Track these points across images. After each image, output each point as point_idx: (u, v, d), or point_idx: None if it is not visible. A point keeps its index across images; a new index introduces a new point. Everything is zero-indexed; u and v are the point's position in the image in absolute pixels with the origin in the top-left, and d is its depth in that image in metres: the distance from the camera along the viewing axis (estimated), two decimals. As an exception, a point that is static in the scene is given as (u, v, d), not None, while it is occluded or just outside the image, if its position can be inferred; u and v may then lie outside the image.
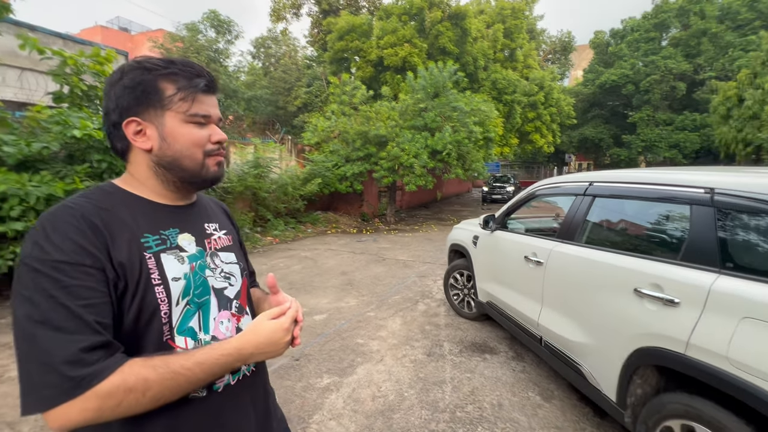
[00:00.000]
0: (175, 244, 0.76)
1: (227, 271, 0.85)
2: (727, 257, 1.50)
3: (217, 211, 0.96)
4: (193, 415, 0.72)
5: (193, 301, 0.75)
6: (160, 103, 0.73)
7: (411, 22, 15.12)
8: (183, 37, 20.06)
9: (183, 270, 0.75)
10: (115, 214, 0.71)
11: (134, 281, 0.68)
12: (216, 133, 0.79)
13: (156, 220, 0.76)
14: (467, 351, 3.32)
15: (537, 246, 2.65)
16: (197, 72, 0.76)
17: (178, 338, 0.72)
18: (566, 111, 19.44)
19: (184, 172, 0.77)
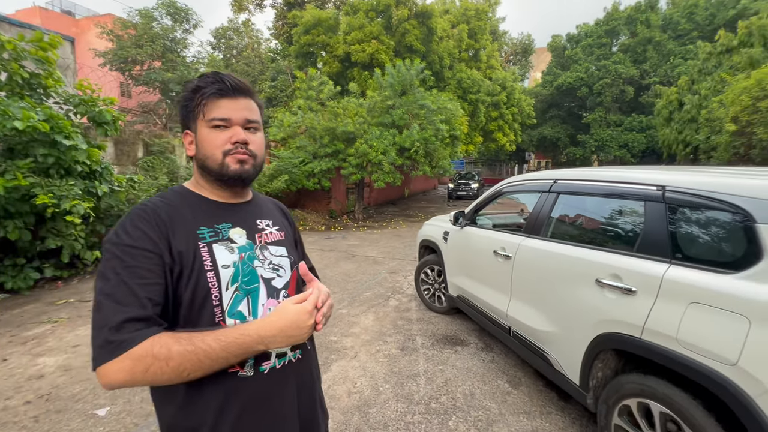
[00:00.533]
0: (227, 237, 0.86)
1: (276, 263, 0.93)
2: (676, 248, 1.65)
3: (273, 210, 1.06)
4: (241, 391, 0.80)
5: (241, 287, 0.84)
6: (194, 114, 0.86)
7: (378, 19, 15.11)
8: (136, 24, 18.84)
9: (232, 259, 0.84)
10: (179, 210, 0.84)
11: (189, 267, 0.79)
12: (236, 134, 0.85)
13: (212, 215, 0.88)
14: (439, 344, 3.40)
15: (505, 241, 2.76)
16: (213, 79, 0.85)
17: (228, 320, 0.81)
18: (527, 111, 20.24)
19: (211, 172, 0.87)
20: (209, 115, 0.84)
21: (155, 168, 7.28)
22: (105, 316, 0.69)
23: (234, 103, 0.86)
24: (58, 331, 3.70)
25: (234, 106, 0.86)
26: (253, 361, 0.82)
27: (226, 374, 0.78)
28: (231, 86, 0.85)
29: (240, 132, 0.86)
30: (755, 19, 9.97)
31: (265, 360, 0.83)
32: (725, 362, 1.35)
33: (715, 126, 8.67)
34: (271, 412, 0.84)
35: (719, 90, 10.11)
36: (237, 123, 0.86)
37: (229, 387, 0.79)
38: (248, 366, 0.81)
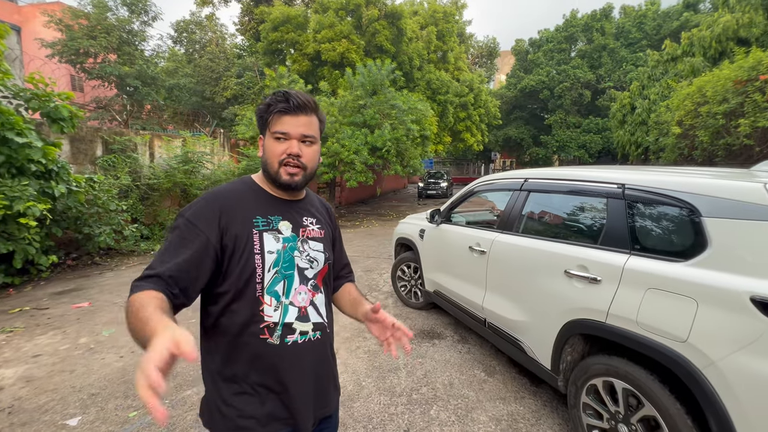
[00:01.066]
0: (276, 227, 1.03)
1: (312, 256, 1.08)
2: (635, 240, 1.83)
3: (320, 210, 1.20)
4: (268, 355, 0.97)
5: (280, 271, 1.00)
6: (265, 124, 1.03)
7: (348, 18, 15.08)
8: (88, 14, 17.68)
9: (277, 247, 1.01)
10: (242, 198, 1.03)
11: (242, 247, 0.96)
12: (291, 147, 1.00)
13: (267, 207, 1.04)
14: (417, 338, 3.51)
15: (480, 237, 2.90)
16: (281, 98, 1.00)
17: (266, 296, 0.98)
18: (493, 112, 20.90)
19: (269, 175, 1.04)
20: (273, 128, 1.00)
21: (117, 167, 6.92)
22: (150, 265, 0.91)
23: (294, 119, 1.00)
24: (15, 341, 3.48)
25: (294, 122, 1.00)
26: (280, 333, 0.99)
27: (258, 340, 0.97)
28: (294, 105, 0.99)
29: (294, 145, 1.00)
30: (696, 30, 10.87)
31: (290, 334, 1.00)
32: (677, 340, 1.52)
33: (663, 129, 9.39)
34: (288, 375, 0.99)
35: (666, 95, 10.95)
36: (294, 137, 1.00)
37: (259, 350, 0.97)
38: (276, 336, 0.98)
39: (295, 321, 1.01)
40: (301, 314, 1.02)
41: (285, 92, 1.01)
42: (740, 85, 5.90)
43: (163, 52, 22.74)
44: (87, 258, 6.38)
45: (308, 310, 1.04)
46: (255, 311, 0.97)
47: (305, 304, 1.04)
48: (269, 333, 0.98)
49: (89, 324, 3.87)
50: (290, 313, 1.01)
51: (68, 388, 2.72)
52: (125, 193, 6.98)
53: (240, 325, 0.97)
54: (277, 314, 0.99)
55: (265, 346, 0.97)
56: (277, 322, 0.99)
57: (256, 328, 0.97)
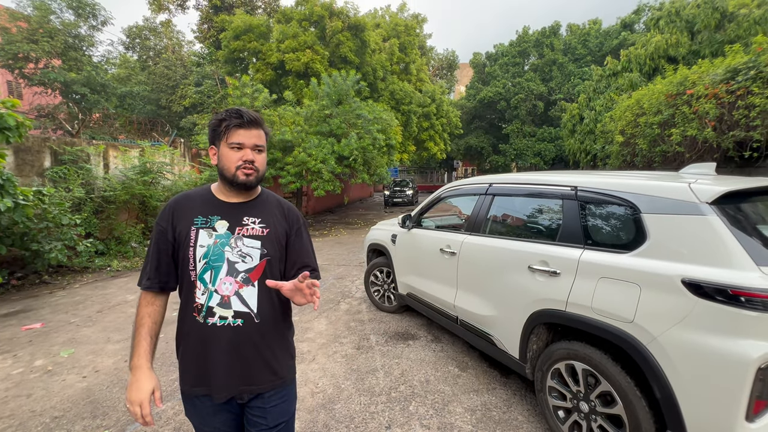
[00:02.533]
0: (212, 226, 1.22)
1: (245, 252, 1.22)
2: (587, 236, 2.05)
3: (272, 210, 1.31)
4: (195, 330, 1.20)
5: (208, 263, 1.20)
6: (219, 136, 1.22)
7: (312, 29, 15.16)
8: (28, 17, 16.50)
9: (208, 242, 1.20)
10: (193, 201, 1.26)
11: (183, 241, 1.21)
12: (245, 154, 1.20)
13: (211, 209, 1.24)
14: (392, 340, 3.61)
15: (450, 239, 3.07)
16: (237, 115, 1.20)
17: (198, 282, 1.20)
18: (454, 122, 21.68)
19: (225, 179, 1.23)
20: (230, 139, 1.20)
21: (68, 179, 6.51)
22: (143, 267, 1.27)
23: (248, 132, 1.21)
24: (-42, 369, 3.19)
25: (247, 134, 1.21)
26: (204, 314, 1.19)
27: (191, 316, 1.20)
28: (247, 120, 1.20)
29: (249, 153, 1.21)
30: (632, 49, 11.99)
31: (211, 316, 1.19)
32: (625, 321, 1.74)
33: (608, 137, 10.22)
34: (206, 351, 1.19)
35: (609, 107, 11.93)
36: (248, 146, 1.21)
37: (191, 324, 1.20)
38: (201, 316, 1.19)
39: (216, 306, 1.18)
40: (223, 301, 1.19)
41: (238, 109, 1.21)
42: (671, 98, 6.60)
43: (114, 59, 21.61)
44: (34, 277, 5.93)
45: (231, 299, 1.19)
46: (191, 293, 1.20)
47: (229, 294, 1.19)
48: (197, 312, 1.19)
49: (44, 345, 3.62)
50: (213, 298, 1.18)
51: (27, 412, 2.56)
52: (78, 206, 6.57)
53: (184, 302, 1.23)
54: (204, 298, 1.18)
55: (194, 322, 1.19)
56: (203, 304, 1.18)
57: (191, 307, 1.20)
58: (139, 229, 7.76)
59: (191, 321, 1.20)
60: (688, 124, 6.08)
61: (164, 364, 3.16)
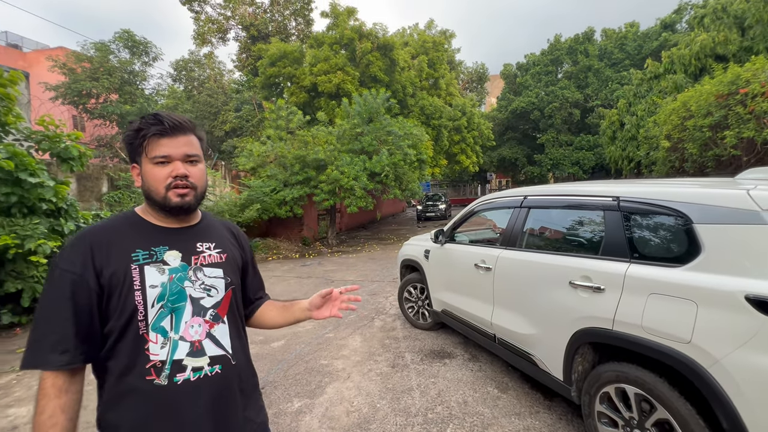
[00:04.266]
0: (161, 259, 0.95)
1: (208, 284, 1.01)
2: (633, 249, 1.92)
3: (221, 233, 1.13)
4: (154, 397, 0.89)
5: (167, 305, 0.93)
6: (138, 151, 0.96)
7: (342, 51, 15.73)
8: (91, 57, 18.38)
9: (161, 279, 0.94)
10: (120, 234, 0.95)
11: (119, 285, 0.90)
12: (175, 168, 0.95)
13: (151, 238, 0.97)
14: (428, 358, 3.52)
15: (485, 254, 3.00)
16: (153, 121, 0.94)
17: (151, 333, 0.91)
18: (486, 134, 21.44)
19: (154, 203, 0.97)
20: (151, 153, 0.94)
21: (122, 203, 7.05)
22: (37, 333, 0.88)
23: (173, 141, 0.95)
24: (26, 380, 3.47)
25: (173, 143, 0.95)
26: (168, 372, 0.91)
27: (144, 381, 0.89)
28: (170, 126, 0.94)
29: (179, 166, 0.95)
30: (675, 50, 11.40)
31: (180, 372, 0.92)
32: (682, 341, 1.59)
33: (653, 143, 9.67)
34: (179, 419, 0.90)
35: (653, 111, 11.33)
36: (177, 158, 0.95)
37: (145, 392, 0.89)
38: (163, 376, 0.90)
39: (186, 357, 0.93)
40: (194, 349, 0.94)
41: (155, 114, 0.95)
42: (722, 99, 6.17)
43: (163, 90, 23.46)
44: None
45: (203, 344, 0.96)
46: (139, 351, 0.90)
47: (200, 338, 0.96)
48: (156, 373, 0.90)
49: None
50: (180, 348, 0.93)
51: (82, 423, 2.71)
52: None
53: (123, 367, 0.89)
54: (164, 352, 0.91)
55: (152, 387, 0.89)
56: (164, 360, 0.91)
57: (142, 368, 0.89)
58: (184, 248, 8.21)
59: (144, 387, 0.89)
60: (744, 125, 5.64)
61: None
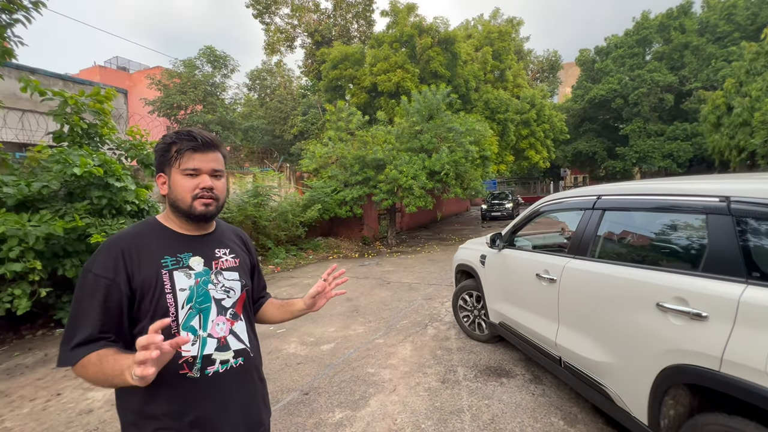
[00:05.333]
0: (186, 264, 1.06)
1: (227, 286, 1.12)
2: (752, 266, 1.45)
3: (233, 239, 1.24)
4: (188, 389, 1.00)
5: (195, 306, 1.04)
6: (169, 162, 1.05)
7: (402, 49, 15.59)
8: (180, 73, 20.56)
9: (189, 283, 1.04)
10: (147, 241, 1.04)
11: (151, 290, 0.99)
12: (203, 181, 1.05)
13: (176, 246, 1.07)
14: (483, 375, 3.19)
15: (548, 263, 2.59)
16: (190, 137, 1.04)
17: (182, 332, 1.00)
18: (559, 127, 19.77)
19: (180, 211, 1.06)
20: (183, 165, 1.03)
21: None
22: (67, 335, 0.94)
23: (204, 156, 1.05)
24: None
25: (204, 158, 1.05)
26: (200, 366, 1.01)
27: (177, 375, 0.99)
28: (202, 142, 1.04)
29: (207, 179, 1.05)
30: (805, 13, 9.30)
31: (210, 365, 1.03)
32: (834, 402, 1.13)
33: (773, 128, 7.98)
34: (215, 406, 1.02)
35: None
36: (205, 172, 1.05)
37: (180, 385, 0.99)
38: (195, 370, 1.01)
39: (215, 352, 1.04)
40: (220, 344, 1.06)
41: (189, 131, 1.05)
42: None
43: (240, 99, 25.46)
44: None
45: (227, 339, 1.08)
46: None
47: (224, 334, 1.08)
48: (188, 367, 1.00)
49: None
50: (209, 345, 1.04)
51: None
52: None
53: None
54: (195, 348, 1.01)
55: (185, 380, 1.00)
56: (195, 356, 1.01)
57: (175, 364, 0.98)
58: (251, 246, 8.70)
59: (178, 381, 0.99)
60: None
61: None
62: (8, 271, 3.99)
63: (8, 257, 4.01)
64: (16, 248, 4.04)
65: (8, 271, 3.99)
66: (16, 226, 4.04)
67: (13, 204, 4.48)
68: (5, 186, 4.45)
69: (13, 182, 4.54)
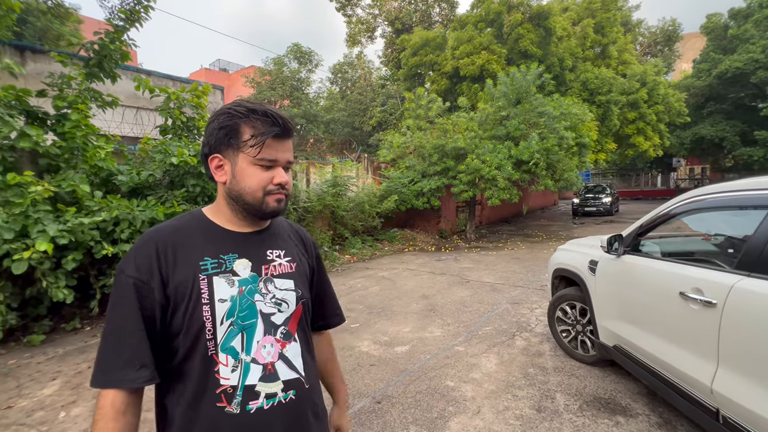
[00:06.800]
0: (230, 269, 0.85)
1: (279, 298, 0.89)
2: None
3: (291, 238, 1.00)
4: (226, 428, 0.79)
5: (237, 322, 0.82)
6: (236, 144, 0.84)
7: (488, 29, 14.48)
8: (270, 71, 21.98)
9: (231, 293, 0.83)
10: (188, 238, 0.85)
11: (186, 298, 0.80)
12: (279, 175, 0.86)
13: (220, 245, 0.86)
14: (590, 408, 2.60)
15: (702, 279, 1.92)
16: (272, 120, 0.83)
17: (221, 354, 0.80)
18: (676, 108, 16.77)
19: (247, 206, 0.86)
20: (262, 155, 0.83)
21: (280, 192, 7.97)
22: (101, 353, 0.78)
23: (282, 144, 0.86)
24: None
25: (282, 147, 0.86)
26: (240, 399, 0.81)
27: (216, 408, 0.79)
28: (283, 128, 0.84)
29: (283, 174, 0.87)
30: None
31: (253, 399, 0.82)
32: None
33: None
34: None
35: None
36: (281, 164, 0.87)
37: (217, 421, 0.79)
38: (235, 403, 0.80)
39: (259, 382, 0.83)
40: (266, 373, 0.84)
41: (264, 109, 0.83)
42: None
43: (323, 93, 26.45)
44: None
45: (276, 366, 0.85)
46: (209, 374, 0.79)
47: (273, 359, 0.85)
48: (227, 400, 0.80)
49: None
50: (252, 372, 0.83)
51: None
52: (285, 215, 7.94)
53: (193, 392, 0.79)
54: (235, 376, 0.81)
55: (224, 416, 0.79)
56: (235, 386, 0.81)
57: (212, 394, 0.79)
58: (329, 236, 8.83)
59: (215, 415, 0.78)
60: None
61: None
62: (121, 250, 4.43)
63: (120, 238, 4.45)
64: (127, 230, 4.45)
65: (121, 250, 4.43)
66: (127, 211, 4.45)
67: (126, 190, 5.00)
68: (120, 174, 4.97)
69: (127, 171, 5.06)
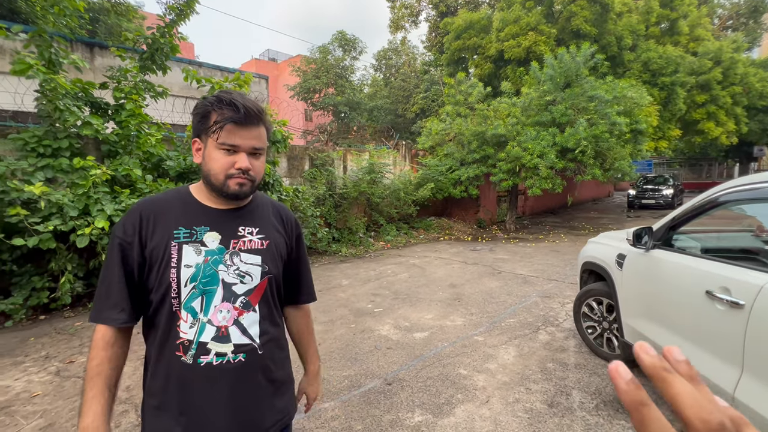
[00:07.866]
0: (200, 239, 0.96)
1: (243, 270, 0.98)
2: None
3: (269, 217, 1.08)
4: (180, 374, 0.92)
5: (198, 286, 0.93)
6: (207, 130, 0.94)
7: (537, 8, 13.62)
8: (316, 59, 22.36)
9: (197, 260, 0.94)
10: (167, 208, 0.98)
11: (159, 260, 0.93)
12: (241, 160, 0.93)
13: (195, 218, 0.97)
14: (607, 408, 2.48)
15: (731, 277, 1.75)
16: (231, 106, 0.91)
17: (183, 312, 0.93)
18: (758, 89, 14.83)
19: (211, 186, 0.96)
20: (221, 139, 0.91)
21: (316, 179, 8.19)
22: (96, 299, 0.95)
23: (246, 131, 0.93)
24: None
25: (245, 134, 0.93)
26: (194, 353, 0.92)
27: (174, 356, 0.92)
28: (245, 115, 0.91)
29: (244, 159, 0.93)
30: None
31: (205, 354, 0.92)
32: None
33: None
34: (198, 400, 0.92)
35: None
36: (244, 150, 0.94)
37: (174, 367, 0.92)
38: (189, 355, 0.92)
39: (211, 341, 0.93)
40: (219, 334, 0.94)
41: (232, 100, 0.91)
42: None
43: (366, 80, 26.51)
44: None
45: (229, 330, 0.95)
46: (172, 326, 0.93)
47: (227, 324, 0.95)
48: (183, 351, 0.93)
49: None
50: (207, 331, 0.93)
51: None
52: (321, 201, 8.17)
53: (160, 339, 0.94)
54: (192, 332, 0.93)
55: (179, 363, 0.93)
56: (191, 340, 0.93)
57: (173, 343, 0.93)
58: (364, 222, 8.98)
59: (174, 362, 0.92)
60: None
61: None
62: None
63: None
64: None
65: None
66: (173, 193, 4.84)
67: (174, 175, 5.42)
68: (169, 160, 5.40)
69: (175, 157, 5.48)
